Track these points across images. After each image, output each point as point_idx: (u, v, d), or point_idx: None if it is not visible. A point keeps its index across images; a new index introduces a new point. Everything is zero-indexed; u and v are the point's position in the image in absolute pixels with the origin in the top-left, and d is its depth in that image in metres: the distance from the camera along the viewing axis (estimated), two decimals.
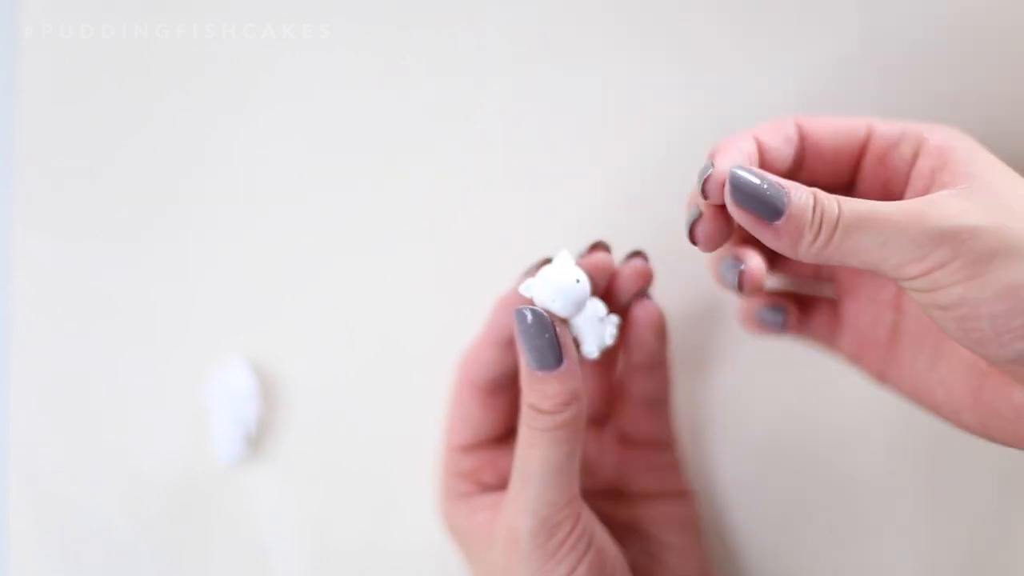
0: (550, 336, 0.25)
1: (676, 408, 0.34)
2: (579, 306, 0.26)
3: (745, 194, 0.23)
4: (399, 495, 0.35)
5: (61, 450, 0.36)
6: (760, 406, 0.35)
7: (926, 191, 0.25)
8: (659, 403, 0.32)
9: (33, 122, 0.37)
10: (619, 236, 0.35)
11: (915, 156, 0.26)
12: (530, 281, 0.26)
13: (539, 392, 0.25)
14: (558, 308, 0.26)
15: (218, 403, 0.35)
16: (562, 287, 0.26)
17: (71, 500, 0.36)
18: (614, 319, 0.27)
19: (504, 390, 0.30)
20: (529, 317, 0.25)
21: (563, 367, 0.25)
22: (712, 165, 0.25)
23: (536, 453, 0.26)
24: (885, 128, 0.27)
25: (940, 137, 0.26)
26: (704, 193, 0.25)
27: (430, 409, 0.34)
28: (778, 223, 0.23)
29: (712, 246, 0.26)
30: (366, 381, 0.36)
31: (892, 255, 0.23)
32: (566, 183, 0.36)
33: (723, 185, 0.24)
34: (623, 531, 0.31)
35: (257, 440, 0.36)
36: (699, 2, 0.35)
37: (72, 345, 0.36)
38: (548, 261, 0.27)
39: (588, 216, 0.35)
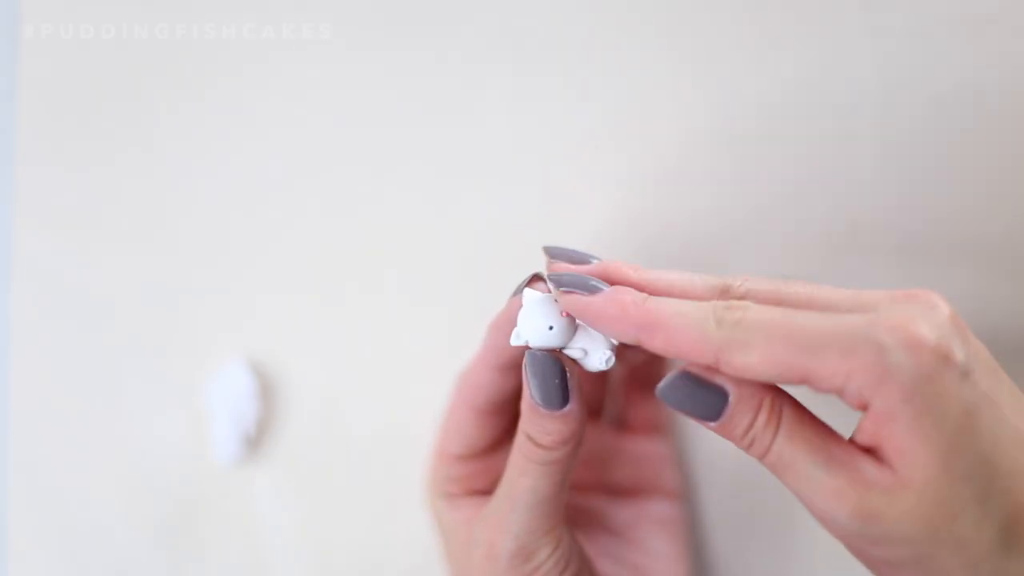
0: (560, 380, 0.25)
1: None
2: (573, 330, 0.25)
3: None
4: (398, 495, 0.35)
5: (61, 450, 0.36)
6: None
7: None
8: (654, 387, 0.32)
9: (33, 122, 0.37)
10: (621, 239, 0.35)
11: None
12: (516, 331, 0.25)
13: (539, 427, 0.25)
14: (555, 341, 0.25)
15: (218, 403, 0.35)
16: (551, 321, 0.25)
17: (71, 500, 0.36)
18: None
19: (501, 411, 0.29)
20: (540, 360, 0.25)
21: (568, 408, 0.25)
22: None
23: (525, 482, 0.26)
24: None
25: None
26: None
27: (430, 409, 0.34)
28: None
29: None
30: (366, 381, 0.36)
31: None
32: (569, 185, 0.36)
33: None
34: (610, 537, 0.31)
35: (257, 440, 0.36)
36: (700, 2, 0.35)
37: (72, 345, 0.36)
38: (539, 277, 0.26)
39: (592, 219, 0.35)
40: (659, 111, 0.35)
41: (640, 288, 0.24)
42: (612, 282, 0.25)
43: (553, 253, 0.26)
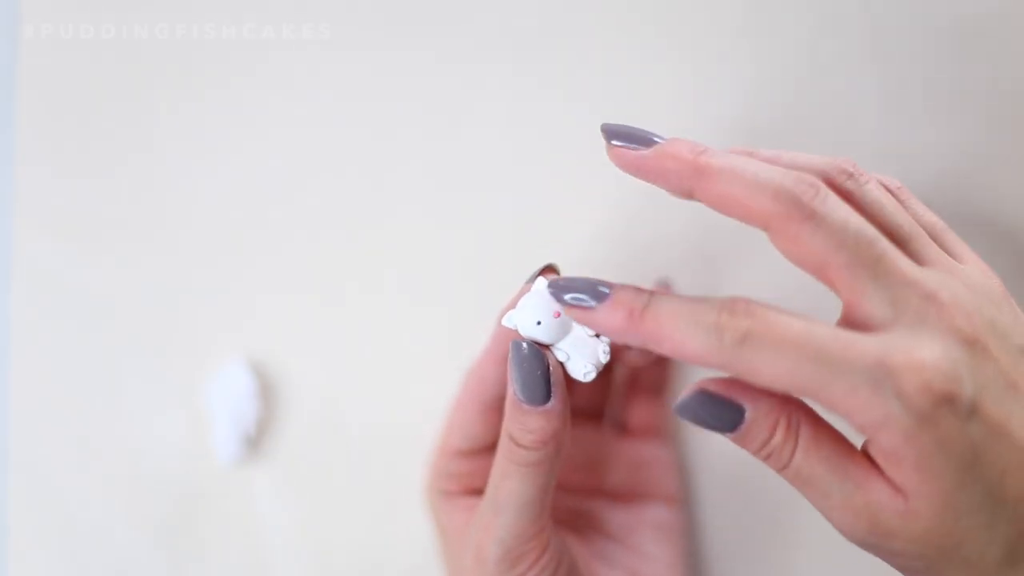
0: (542, 373, 0.24)
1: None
2: (564, 331, 0.25)
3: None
4: (398, 495, 0.35)
5: (61, 451, 0.36)
6: None
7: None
8: (657, 391, 0.32)
9: (33, 122, 0.37)
10: (621, 239, 0.35)
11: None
12: (511, 312, 0.25)
13: (520, 424, 0.25)
14: (542, 336, 0.25)
15: (218, 403, 0.35)
16: (543, 315, 0.25)
17: (71, 500, 0.36)
18: (605, 338, 0.26)
19: None
20: (524, 350, 0.24)
21: (549, 405, 0.24)
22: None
23: (509, 485, 0.25)
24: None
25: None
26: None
27: (430, 409, 0.34)
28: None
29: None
30: (366, 381, 0.36)
31: None
32: (569, 185, 0.36)
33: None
34: (606, 541, 0.31)
35: (257, 440, 0.36)
36: (700, 2, 0.35)
37: (72, 345, 0.36)
38: (551, 268, 0.26)
39: (592, 219, 0.35)
40: (659, 111, 0.35)
41: (696, 175, 0.24)
42: (666, 179, 0.24)
43: (610, 131, 0.26)
